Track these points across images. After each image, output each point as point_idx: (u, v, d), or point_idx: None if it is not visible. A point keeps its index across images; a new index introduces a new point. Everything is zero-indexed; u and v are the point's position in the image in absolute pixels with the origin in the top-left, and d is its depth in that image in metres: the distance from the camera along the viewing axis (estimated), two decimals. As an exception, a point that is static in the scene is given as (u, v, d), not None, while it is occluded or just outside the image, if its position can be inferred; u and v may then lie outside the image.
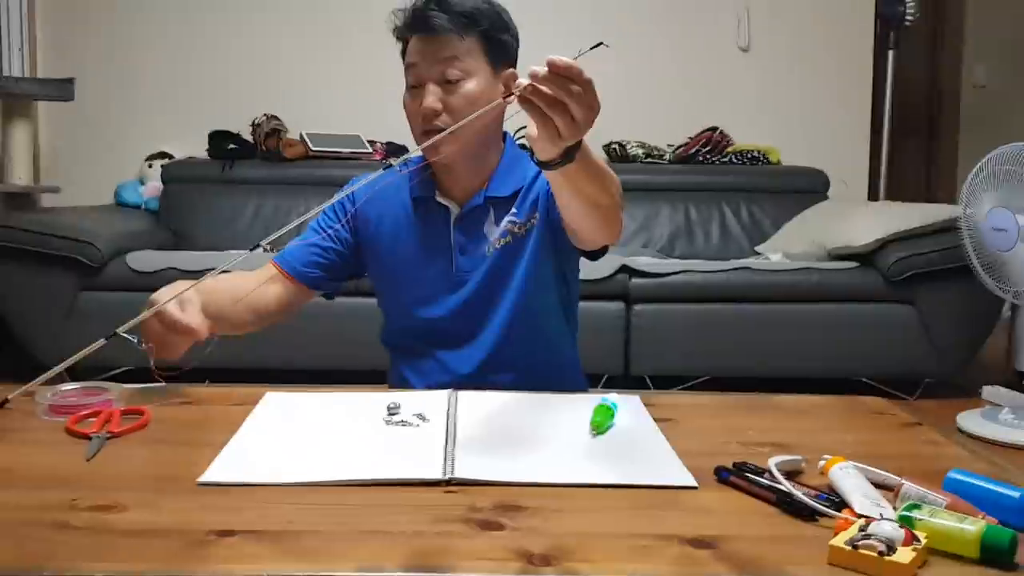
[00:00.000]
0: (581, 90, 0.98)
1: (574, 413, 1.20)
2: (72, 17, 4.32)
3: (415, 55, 1.45)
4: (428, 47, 1.44)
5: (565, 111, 0.99)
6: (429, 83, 1.44)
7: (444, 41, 1.43)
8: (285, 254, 1.58)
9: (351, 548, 0.80)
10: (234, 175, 4.05)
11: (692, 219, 4.07)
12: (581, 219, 1.31)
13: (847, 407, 1.35)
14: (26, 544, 0.80)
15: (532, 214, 1.52)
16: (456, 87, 1.44)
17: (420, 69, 1.45)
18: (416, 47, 1.45)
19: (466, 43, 1.44)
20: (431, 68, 1.44)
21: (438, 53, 1.43)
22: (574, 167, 1.11)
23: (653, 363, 3.37)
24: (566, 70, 0.97)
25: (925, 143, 5.75)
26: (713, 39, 4.43)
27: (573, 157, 1.09)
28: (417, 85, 1.45)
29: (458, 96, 1.44)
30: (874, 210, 3.65)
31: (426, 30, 1.43)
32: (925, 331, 3.32)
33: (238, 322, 1.49)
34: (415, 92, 1.46)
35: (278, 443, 1.11)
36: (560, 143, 1.04)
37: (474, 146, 1.49)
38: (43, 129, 4.34)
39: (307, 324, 3.03)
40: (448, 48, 1.43)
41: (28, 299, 3.36)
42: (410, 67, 1.47)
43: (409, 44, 1.48)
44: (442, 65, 1.43)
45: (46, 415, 1.19)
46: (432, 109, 1.43)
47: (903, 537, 0.78)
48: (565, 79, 0.97)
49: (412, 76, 1.46)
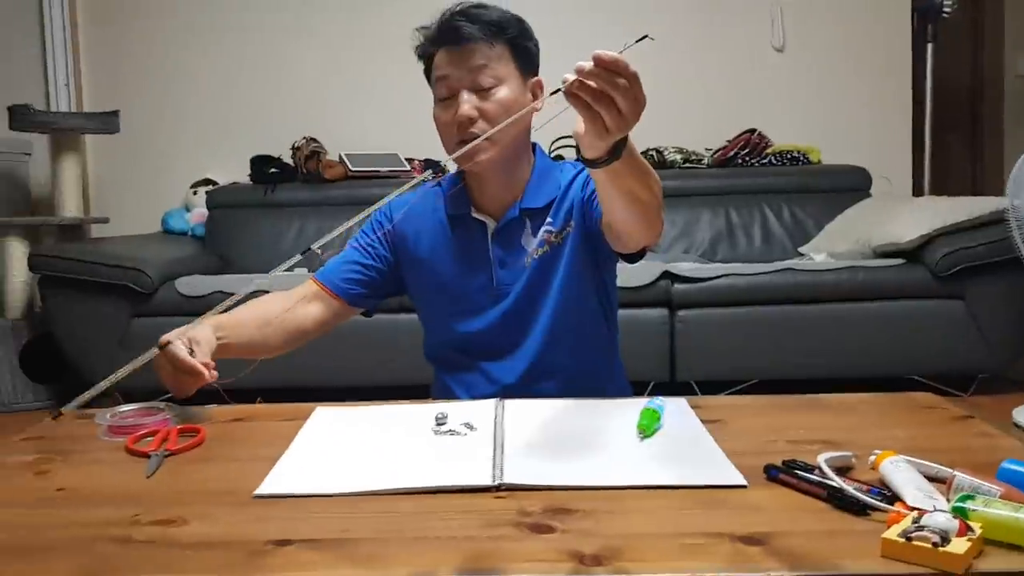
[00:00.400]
0: (627, 83, 0.99)
1: (621, 417, 1.21)
2: (115, 51, 4.43)
3: (445, 67, 1.46)
4: (459, 56, 1.45)
5: (612, 105, 1.00)
6: (462, 91, 1.45)
7: (474, 49, 1.44)
8: (326, 271, 1.60)
9: (405, 554, 0.81)
10: (276, 198, 4.11)
11: (733, 223, 4.05)
12: (625, 218, 1.31)
13: (896, 403, 1.33)
14: (92, 559, 0.83)
15: (567, 222, 1.53)
16: (490, 94, 1.45)
17: (452, 79, 1.45)
18: (445, 59, 1.46)
19: (496, 50, 1.46)
20: (463, 77, 1.45)
21: (469, 61, 1.44)
22: (620, 164, 1.11)
23: (699, 369, 3.34)
24: (612, 64, 0.98)
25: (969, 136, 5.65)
26: (747, 41, 4.40)
27: (620, 154, 1.10)
28: (450, 96, 1.46)
29: (493, 102, 1.45)
30: (919, 206, 3.60)
31: (455, 40, 1.44)
32: (976, 326, 3.26)
33: (270, 345, 1.51)
34: (447, 104, 1.47)
35: (330, 455, 1.13)
36: (607, 138, 1.05)
37: (508, 153, 1.50)
38: (91, 161, 4.45)
39: (349, 341, 3.08)
40: (479, 56, 1.44)
41: (82, 327, 3.44)
42: (441, 79, 1.47)
43: (436, 58, 1.48)
44: (474, 73, 1.44)
45: (106, 436, 1.23)
46: (468, 116, 1.43)
47: (957, 528, 0.77)
48: (611, 73, 0.98)
49: (444, 88, 1.47)
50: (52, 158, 4.05)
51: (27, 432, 1.27)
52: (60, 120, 3.99)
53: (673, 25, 4.37)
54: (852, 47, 4.39)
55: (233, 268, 3.91)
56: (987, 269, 3.22)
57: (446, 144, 1.49)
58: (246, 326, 1.47)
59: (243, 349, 1.44)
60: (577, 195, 1.53)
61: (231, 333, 1.40)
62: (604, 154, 1.09)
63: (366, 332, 3.05)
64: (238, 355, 1.39)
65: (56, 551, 0.85)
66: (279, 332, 1.51)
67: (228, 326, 1.40)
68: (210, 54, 4.41)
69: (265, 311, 1.51)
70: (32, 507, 0.98)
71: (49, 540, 0.87)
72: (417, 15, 1.50)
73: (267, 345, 1.50)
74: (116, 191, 4.46)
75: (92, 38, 4.44)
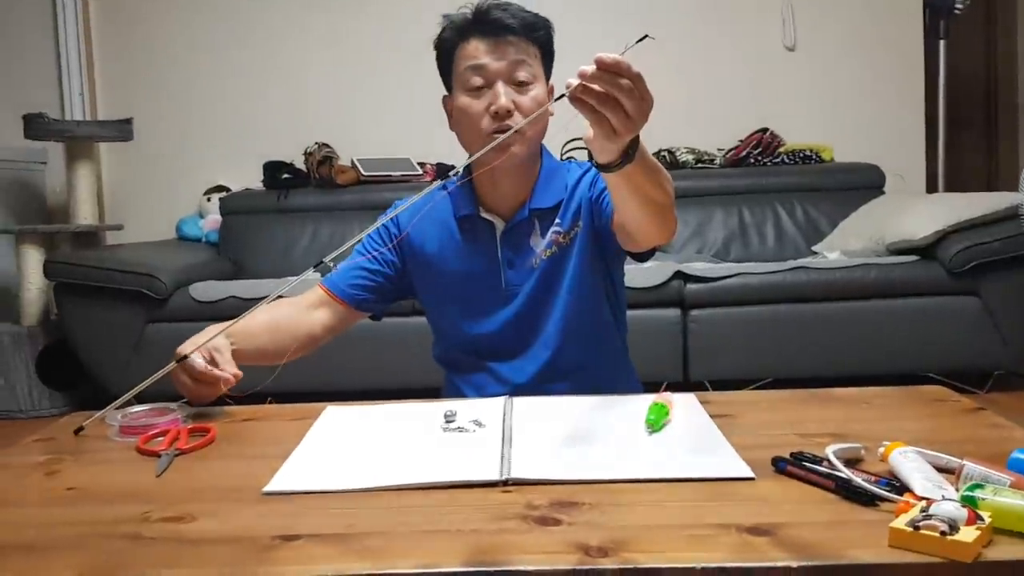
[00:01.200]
0: (631, 84, 0.99)
1: (629, 412, 1.21)
2: (128, 59, 4.47)
3: (483, 55, 1.44)
4: (498, 47, 1.43)
5: (618, 107, 1.00)
6: (499, 82, 1.43)
7: (514, 43, 1.44)
8: (333, 277, 1.59)
9: (411, 547, 0.81)
10: (289, 204, 4.13)
11: (746, 222, 4.03)
12: (638, 218, 1.31)
13: (906, 396, 1.33)
14: (102, 555, 0.83)
15: (575, 222, 1.52)
16: (526, 89, 1.45)
17: (490, 69, 1.43)
18: (482, 48, 1.44)
19: (531, 48, 1.46)
20: (502, 68, 1.43)
21: (508, 54, 1.43)
22: (632, 167, 1.11)
23: (712, 368, 3.33)
24: (614, 66, 0.98)
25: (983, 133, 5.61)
26: (758, 40, 4.40)
27: (632, 157, 1.10)
28: (485, 85, 1.44)
29: (528, 98, 1.45)
30: (933, 202, 3.58)
31: (495, 31, 1.43)
32: (991, 322, 3.24)
33: (281, 352, 1.50)
34: (480, 92, 1.45)
35: (339, 453, 1.13)
36: (617, 140, 1.05)
37: (532, 150, 1.50)
38: (105, 169, 4.49)
39: (358, 345, 3.08)
40: (519, 50, 1.44)
41: (98, 333, 3.46)
42: (476, 68, 1.44)
43: (468, 46, 1.45)
44: (514, 66, 1.44)
45: (118, 436, 1.23)
46: (507, 107, 1.42)
47: (966, 516, 0.77)
48: (614, 75, 0.99)
49: (478, 76, 1.44)
50: (67, 166, 4.08)
51: (38, 434, 1.28)
52: (74, 128, 4.02)
53: (684, 25, 4.37)
54: (864, 45, 4.37)
55: (247, 274, 3.93)
56: (1002, 265, 3.20)
57: (472, 135, 1.47)
58: (256, 333, 1.47)
59: (253, 356, 1.44)
60: (584, 194, 1.53)
61: (242, 340, 1.41)
62: (616, 158, 1.09)
63: (375, 336, 3.05)
64: (248, 362, 1.39)
65: (65, 548, 0.85)
66: (288, 338, 1.51)
67: (238, 333, 1.40)
68: (222, 61, 4.44)
69: (274, 317, 1.51)
70: (42, 506, 0.99)
71: (58, 538, 0.88)
72: (429, 21, 1.50)
73: (277, 351, 1.49)
74: (130, 198, 4.50)
75: (106, 46, 4.48)
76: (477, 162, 1.47)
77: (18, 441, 1.25)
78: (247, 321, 1.42)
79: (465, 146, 1.51)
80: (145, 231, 4.28)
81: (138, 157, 4.42)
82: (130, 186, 4.51)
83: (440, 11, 1.50)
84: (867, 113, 4.37)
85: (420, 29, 1.50)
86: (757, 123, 4.24)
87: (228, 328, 1.35)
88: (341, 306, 1.57)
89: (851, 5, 4.36)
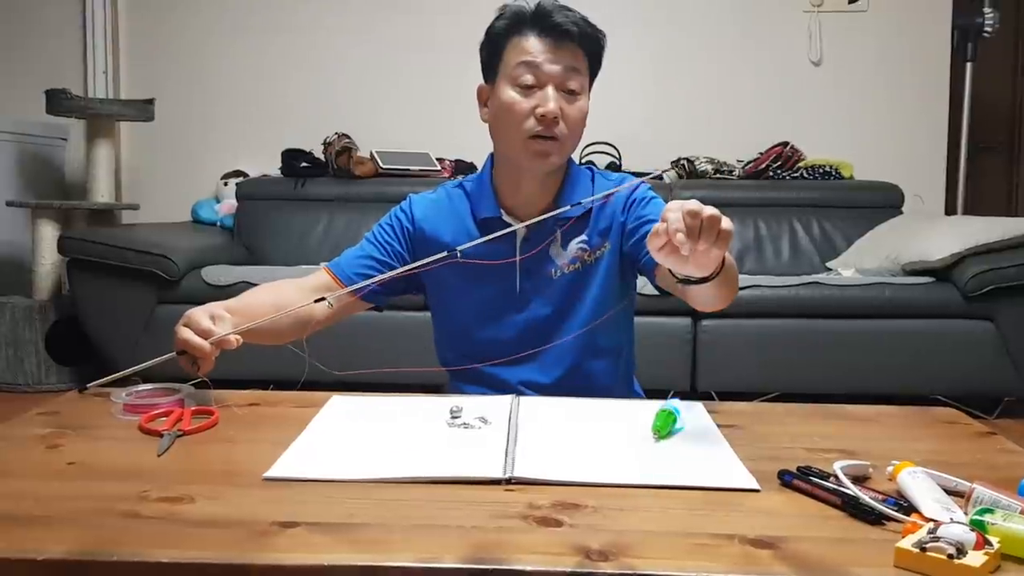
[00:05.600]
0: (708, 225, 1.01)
1: (636, 418, 1.20)
2: (153, 41, 4.48)
3: (540, 54, 1.41)
4: (556, 50, 1.41)
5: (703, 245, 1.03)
6: (550, 87, 1.41)
7: (571, 50, 1.42)
8: (340, 263, 1.56)
9: (410, 540, 0.81)
10: (306, 192, 4.13)
11: (762, 235, 4.01)
12: (702, 305, 1.32)
13: (917, 417, 1.31)
14: (98, 531, 0.83)
15: (603, 243, 1.50)
16: (575, 99, 1.43)
17: (545, 71, 1.41)
18: (540, 46, 1.41)
19: (584, 59, 1.44)
20: (556, 72, 1.41)
21: (565, 59, 1.41)
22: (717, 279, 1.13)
23: (720, 379, 3.31)
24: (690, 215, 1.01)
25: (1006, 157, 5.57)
26: (785, 53, 4.37)
27: (717, 275, 1.12)
28: (536, 85, 1.41)
29: (575, 108, 1.42)
30: (950, 224, 3.55)
31: (556, 34, 1.40)
32: (1005, 348, 3.21)
33: (282, 333, 1.47)
34: (529, 92, 1.42)
35: (343, 442, 1.12)
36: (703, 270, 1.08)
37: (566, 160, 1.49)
38: (124, 148, 4.50)
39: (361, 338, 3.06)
40: (575, 58, 1.42)
41: (109, 312, 3.47)
42: (530, 65, 1.41)
43: (525, 41, 1.42)
44: (568, 74, 1.41)
45: (121, 414, 1.23)
46: (555, 112, 1.40)
47: (974, 540, 0.76)
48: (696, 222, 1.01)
49: (530, 74, 1.41)
50: (87, 143, 4.09)
51: (43, 407, 1.28)
52: (96, 106, 4.02)
53: (710, 35, 4.35)
54: (890, 63, 4.34)
55: (260, 260, 3.93)
56: (1018, 291, 3.17)
57: (511, 132, 1.44)
58: (259, 314, 1.45)
59: (254, 334, 1.43)
60: (617, 217, 1.50)
61: (248, 315, 1.39)
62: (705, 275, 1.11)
63: (379, 330, 3.04)
64: (248, 340, 1.38)
65: (63, 522, 0.85)
66: (290, 320, 1.48)
67: (241, 311, 1.38)
68: (247, 47, 4.44)
69: (277, 298, 1.48)
70: (41, 479, 0.98)
71: (56, 511, 0.88)
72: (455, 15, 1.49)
73: (278, 332, 1.47)
74: (148, 179, 4.51)
75: (133, 25, 4.49)
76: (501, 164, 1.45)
77: (23, 413, 1.25)
78: (250, 299, 1.41)
79: (500, 140, 1.48)
80: (161, 212, 4.29)
81: (158, 138, 4.42)
82: (148, 166, 4.52)
83: (468, 8, 1.48)
84: (889, 131, 4.34)
85: (446, 25, 1.49)
86: (778, 136, 4.21)
87: (229, 305, 1.35)
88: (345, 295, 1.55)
89: (879, 22, 4.33)
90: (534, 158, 1.42)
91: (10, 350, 3.63)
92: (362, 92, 4.43)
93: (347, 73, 4.43)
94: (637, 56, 4.25)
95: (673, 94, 4.33)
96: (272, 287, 1.52)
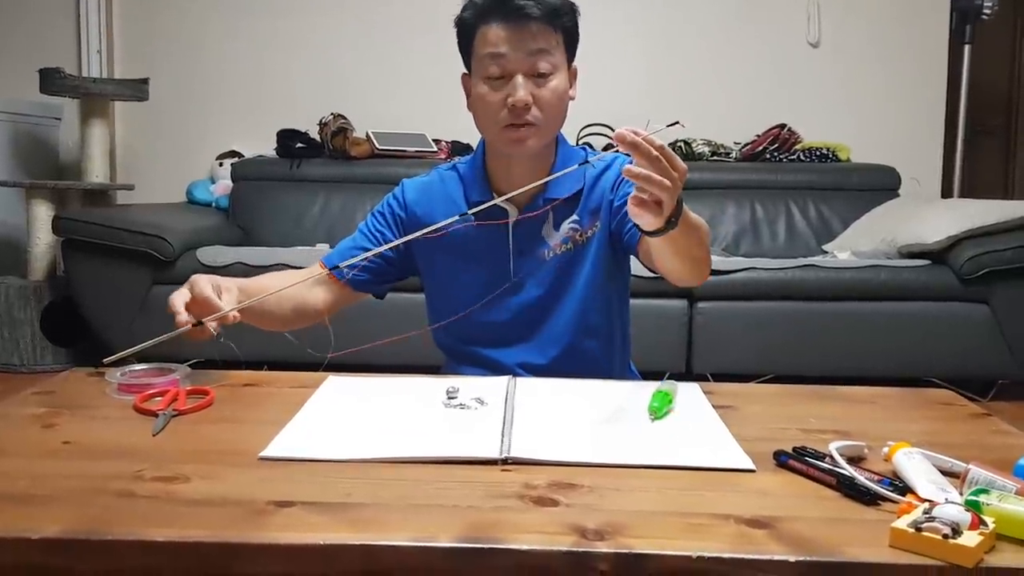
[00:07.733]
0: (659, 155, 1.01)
1: (632, 399, 1.20)
2: (148, 20, 4.44)
3: (502, 44, 1.39)
4: (518, 36, 1.39)
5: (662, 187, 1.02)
6: (518, 75, 1.40)
7: (536, 32, 1.39)
8: (333, 256, 1.56)
9: (406, 519, 0.81)
10: (301, 173, 4.11)
11: (758, 217, 4.00)
12: (676, 269, 1.31)
13: (912, 398, 1.31)
14: (93, 510, 0.83)
15: (593, 222, 1.49)
16: (546, 81, 1.41)
17: (509, 60, 1.39)
18: (502, 36, 1.39)
19: (554, 36, 1.42)
20: (522, 59, 1.39)
21: (529, 44, 1.39)
22: (676, 230, 1.12)
23: (716, 361, 3.32)
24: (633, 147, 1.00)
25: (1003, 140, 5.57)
26: (783, 35, 4.35)
27: (676, 224, 1.11)
28: (504, 76, 1.41)
29: (547, 90, 1.41)
30: (947, 207, 3.55)
31: (517, 18, 1.38)
32: (999, 331, 3.22)
33: (282, 319, 1.49)
34: (498, 83, 1.41)
35: (339, 422, 1.12)
36: (660, 211, 1.06)
37: (549, 139, 1.48)
38: (119, 128, 4.47)
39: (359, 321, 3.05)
40: (540, 39, 1.40)
41: (103, 292, 3.46)
42: (494, 57, 1.40)
43: (489, 32, 1.40)
44: (534, 57, 1.40)
45: (116, 393, 1.23)
46: (525, 102, 1.39)
47: (969, 521, 0.76)
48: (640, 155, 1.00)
49: (496, 66, 1.40)
50: (81, 123, 4.07)
51: (38, 387, 1.28)
52: (90, 85, 4.00)
53: (708, 16, 4.33)
54: (888, 46, 4.33)
55: (255, 241, 3.92)
56: (1014, 274, 3.17)
57: (488, 123, 1.45)
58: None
59: (256, 317, 1.43)
60: (606, 196, 1.49)
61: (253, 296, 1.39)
62: (662, 225, 1.09)
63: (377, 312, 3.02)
64: (250, 321, 1.38)
65: (57, 501, 0.85)
66: (292, 307, 1.50)
67: (250, 291, 1.38)
68: (242, 27, 4.41)
69: (281, 285, 1.49)
70: (36, 458, 0.98)
71: (51, 490, 0.87)
72: (452, -1, 1.47)
73: (279, 318, 1.49)
74: (143, 159, 4.49)
75: (127, 5, 4.45)
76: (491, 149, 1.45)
77: (17, 393, 1.24)
78: (257, 285, 1.41)
79: (481, 131, 1.49)
80: (156, 192, 4.27)
81: (153, 118, 4.40)
82: (143, 147, 4.49)
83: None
84: (887, 114, 4.33)
85: (443, 5, 1.47)
86: (775, 118, 4.21)
87: (241, 283, 1.34)
88: (338, 285, 1.54)
89: (878, 5, 4.32)
90: (512, 145, 1.43)
91: (5, 330, 3.62)
92: (358, 73, 4.41)
93: (343, 53, 4.41)
94: (634, 38, 4.24)
95: (670, 76, 4.31)
96: (273, 275, 1.54)
